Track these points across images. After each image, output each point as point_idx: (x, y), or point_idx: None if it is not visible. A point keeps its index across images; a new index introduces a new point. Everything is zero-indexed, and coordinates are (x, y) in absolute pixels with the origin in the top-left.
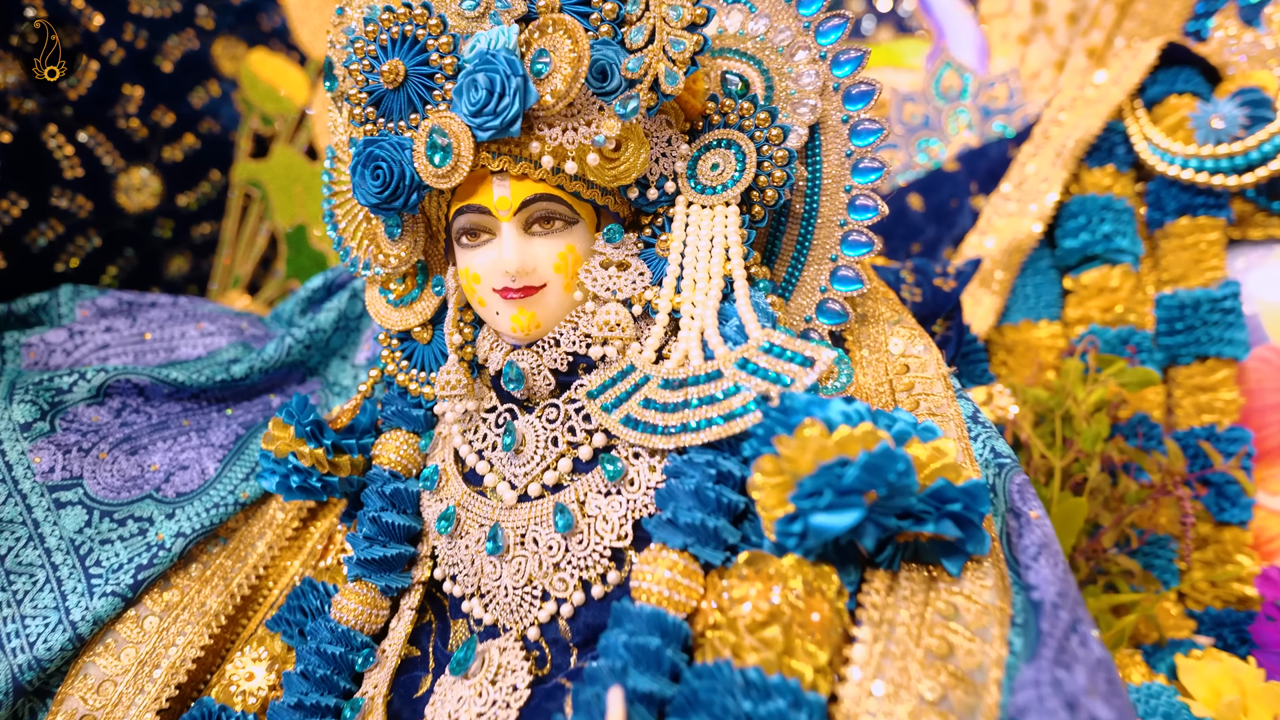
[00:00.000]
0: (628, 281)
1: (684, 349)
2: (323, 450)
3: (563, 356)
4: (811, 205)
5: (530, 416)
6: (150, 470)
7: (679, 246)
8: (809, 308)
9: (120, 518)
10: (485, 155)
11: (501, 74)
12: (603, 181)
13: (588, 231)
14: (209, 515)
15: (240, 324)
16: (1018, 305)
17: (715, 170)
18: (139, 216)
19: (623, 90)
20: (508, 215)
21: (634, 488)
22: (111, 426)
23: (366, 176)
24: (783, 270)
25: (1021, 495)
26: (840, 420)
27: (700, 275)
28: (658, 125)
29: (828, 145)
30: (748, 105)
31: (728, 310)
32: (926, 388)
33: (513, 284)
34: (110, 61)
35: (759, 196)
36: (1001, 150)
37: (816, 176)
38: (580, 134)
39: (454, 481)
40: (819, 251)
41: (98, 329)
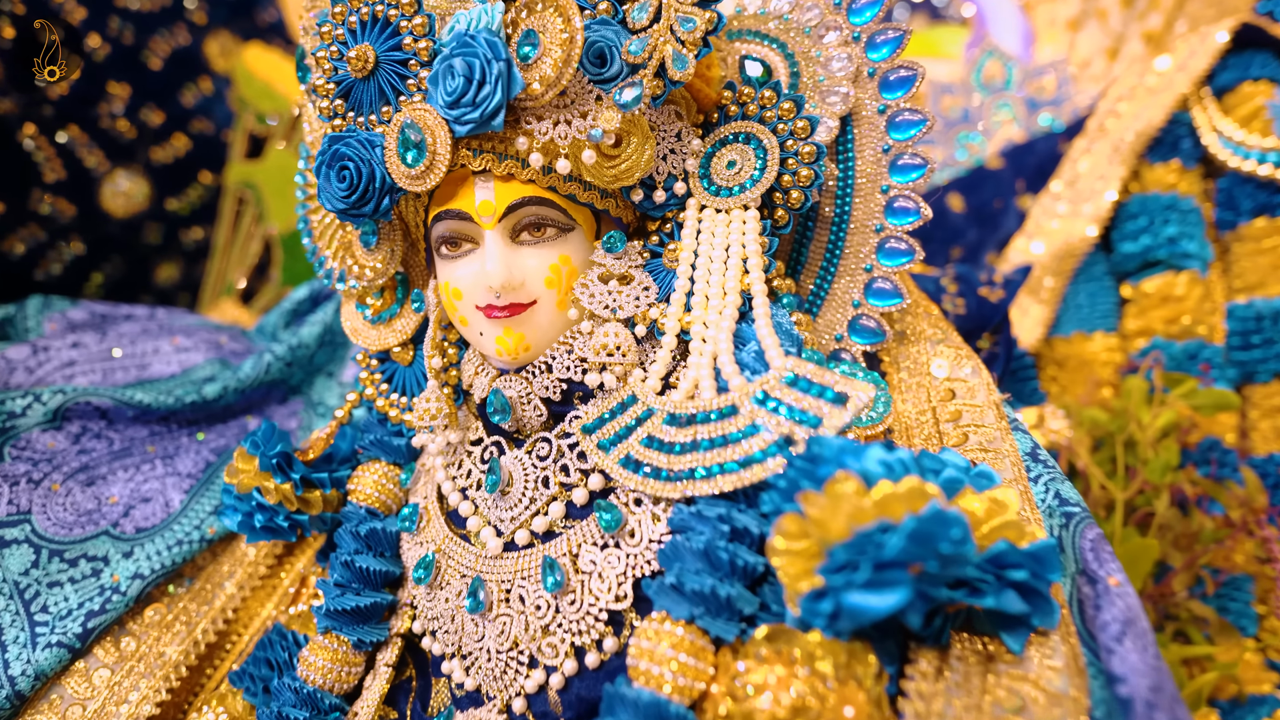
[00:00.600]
0: (630, 297)
1: (693, 378)
2: (290, 485)
3: (555, 384)
4: (843, 208)
5: (519, 452)
6: (108, 503)
7: (689, 257)
8: (840, 324)
9: (71, 557)
10: (465, 153)
11: (481, 59)
12: (601, 182)
13: (585, 240)
14: (171, 554)
15: (219, 338)
16: (1069, 315)
17: (732, 169)
18: (126, 221)
19: (624, 77)
20: (491, 222)
21: (634, 540)
22: (68, 454)
23: (332, 178)
24: (810, 282)
25: (1096, 555)
26: (880, 473)
27: (714, 290)
28: (665, 117)
29: (862, 139)
30: (770, 94)
31: (745, 332)
32: (976, 418)
33: (497, 301)
34: (94, 58)
35: (782, 199)
36: (1050, 145)
37: (849, 175)
38: (574, 128)
39: (436, 523)
40: (852, 261)
41: (64, 344)
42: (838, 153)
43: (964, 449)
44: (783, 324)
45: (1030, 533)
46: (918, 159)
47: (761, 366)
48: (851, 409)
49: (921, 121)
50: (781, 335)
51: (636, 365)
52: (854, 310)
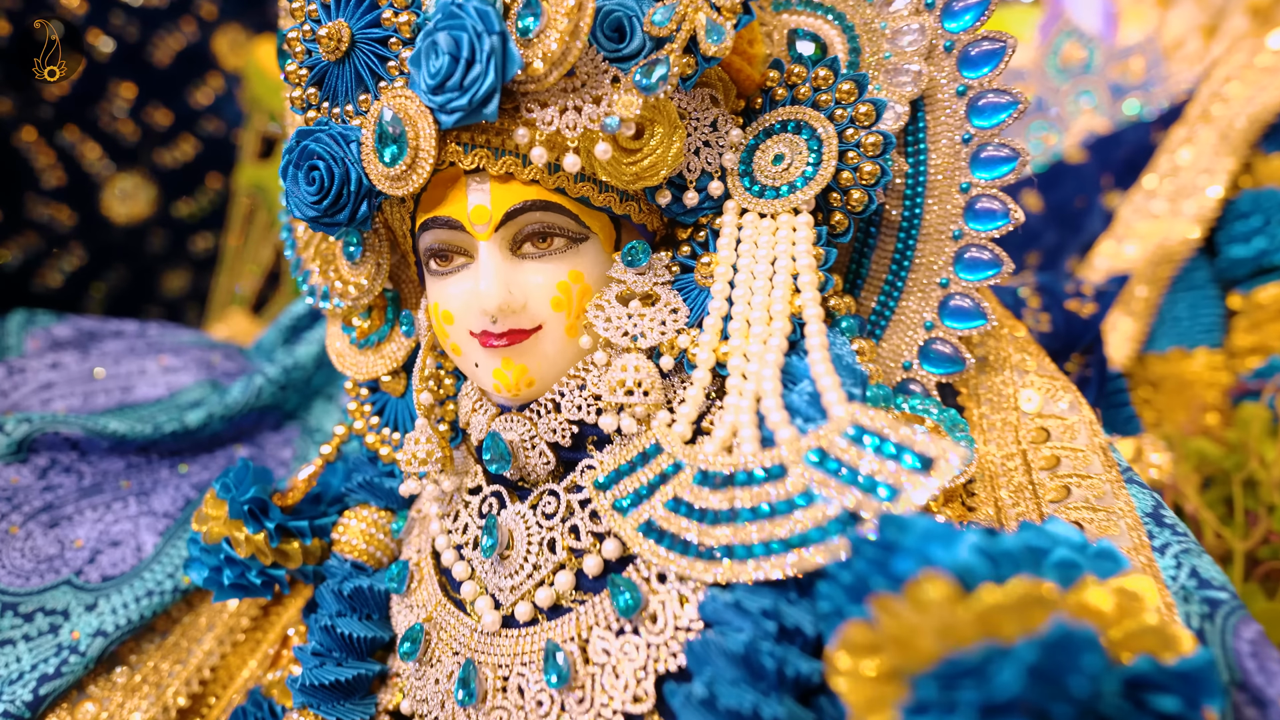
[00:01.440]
0: (655, 322)
1: (731, 424)
2: (265, 535)
3: (564, 426)
4: (913, 210)
5: (523, 506)
6: (72, 547)
7: (727, 272)
8: (909, 350)
9: (27, 611)
10: (454, 148)
11: (470, 32)
12: (620, 182)
13: (601, 251)
14: (140, 607)
15: (211, 358)
16: (1166, 329)
17: (779, 164)
18: (130, 228)
19: (646, 53)
20: (487, 231)
21: (657, 626)
22: (31, 491)
23: (300, 180)
24: (872, 299)
25: (1261, 664)
26: (982, 570)
27: (757, 314)
28: (697, 103)
29: (936, 127)
30: (825, 73)
31: (796, 367)
32: (1079, 465)
33: (494, 327)
34: (96, 55)
35: (841, 200)
36: (1141, 135)
37: (920, 170)
38: (586, 116)
39: (429, 584)
40: (923, 274)
41: (42, 365)
42: (906, 144)
43: (1066, 507)
44: (844, 356)
45: (1176, 639)
46: (1006, 150)
47: (817, 413)
48: (938, 477)
49: (1011, 105)
50: (842, 372)
51: (662, 406)
52: (926, 333)
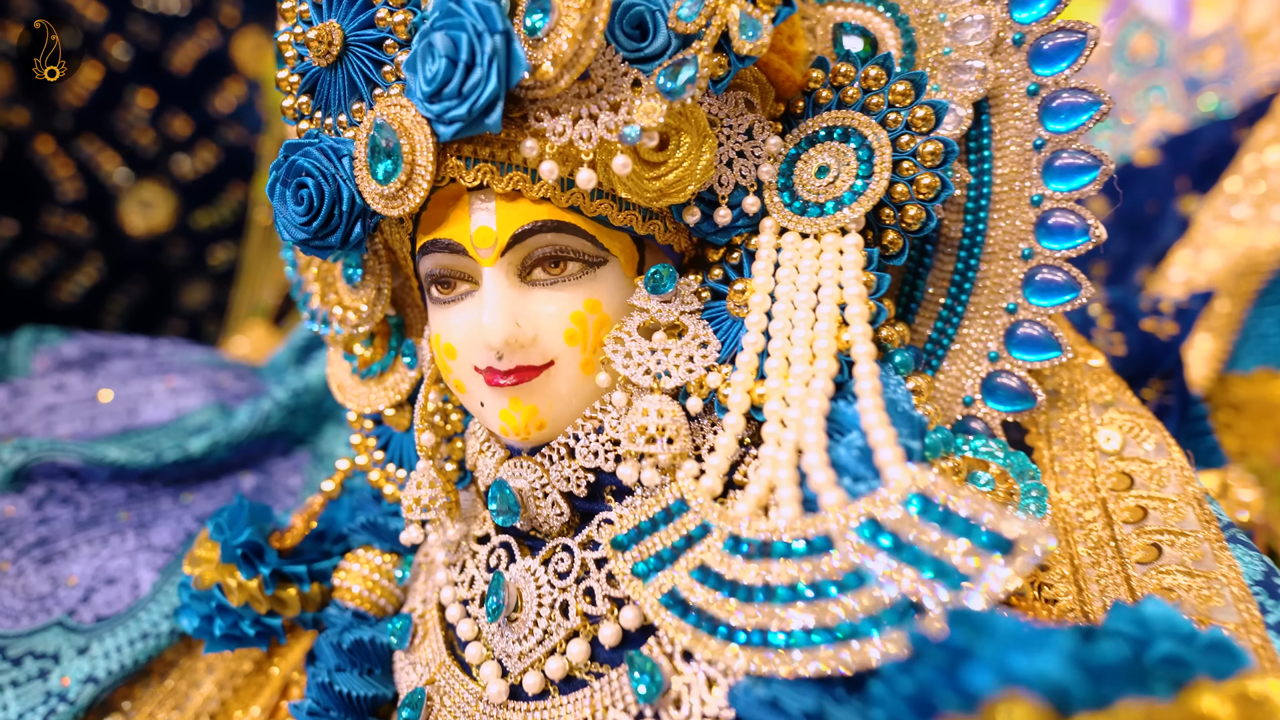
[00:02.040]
0: (681, 358)
1: (767, 480)
2: (259, 582)
3: (579, 474)
4: (976, 226)
5: (533, 562)
6: (65, 585)
7: (763, 301)
8: (970, 383)
9: (15, 655)
10: (454, 163)
11: (470, 32)
12: (642, 199)
13: (621, 276)
14: (134, 650)
15: (221, 378)
16: (1251, 347)
17: (824, 177)
18: (149, 240)
19: (671, 52)
20: (492, 256)
21: (681, 713)
22: (26, 524)
23: (288, 199)
24: (928, 326)
25: None
26: (1080, 689)
27: (798, 350)
28: (730, 108)
29: (1004, 132)
30: (876, 72)
31: (844, 414)
32: (1169, 519)
33: (500, 364)
34: (114, 62)
35: (894, 217)
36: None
37: (985, 181)
38: (602, 124)
39: (434, 639)
40: (987, 298)
41: (47, 387)
42: (969, 151)
43: (1157, 570)
44: (898, 401)
45: None
46: (1085, 157)
47: (869, 472)
48: (1020, 567)
49: (1091, 105)
50: (898, 421)
51: (689, 454)
52: (990, 365)
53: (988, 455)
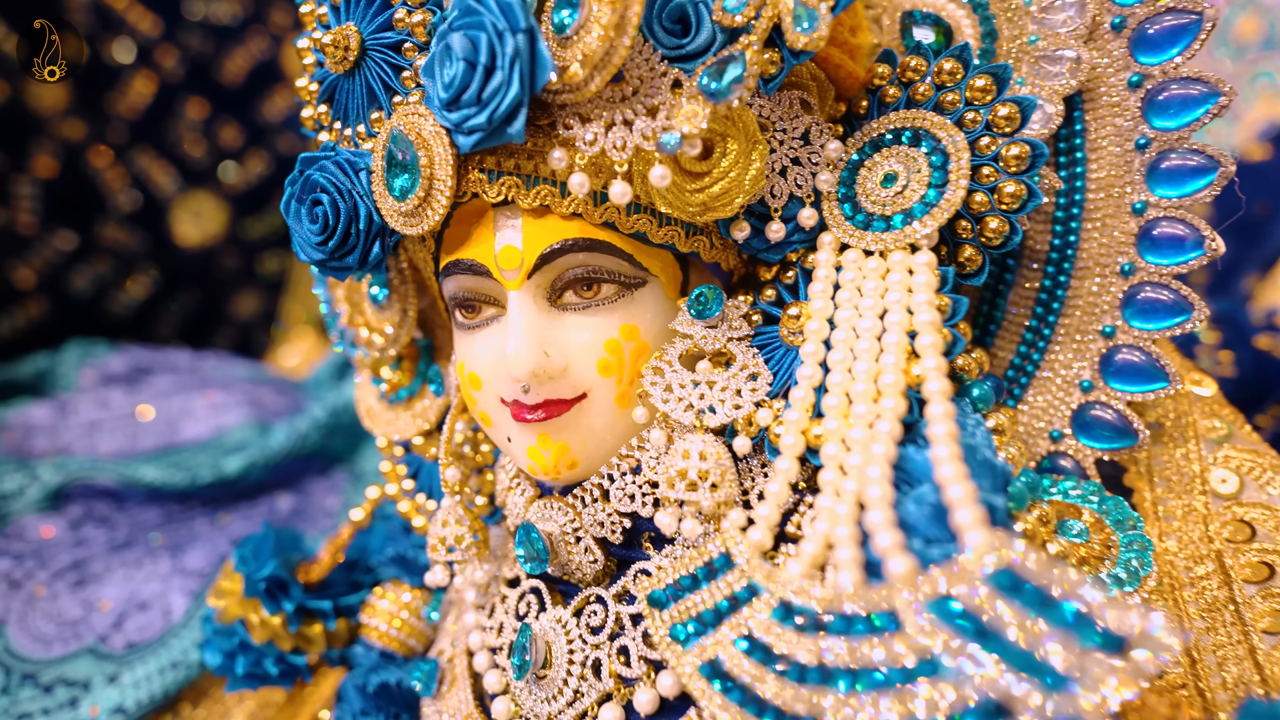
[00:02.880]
0: (728, 392)
1: (823, 537)
2: (283, 618)
3: (614, 519)
4: (1067, 238)
5: (565, 613)
6: (98, 610)
7: (821, 328)
8: (1058, 416)
9: (46, 682)
10: (476, 176)
11: (490, 30)
12: (684, 214)
13: (662, 298)
14: (163, 680)
15: (262, 395)
16: None
17: (891, 186)
18: (200, 250)
19: (717, 49)
20: (517, 278)
21: None
22: (61, 546)
23: (303, 216)
24: (1010, 350)
25: None
26: None
27: (861, 386)
28: (784, 109)
29: (1100, 130)
30: (952, 66)
31: (914, 462)
32: None
33: (526, 397)
34: (167, 74)
35: (973, 230)
36: None
37: (1078, 187)
38: (638, 131)
39: (460, 688)
40: (1080, 318)
41: (91, 403)
42: (1058, 154)
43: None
44: (977, 447)
45: None
46: (1198, 159)
47: (943, 534)
48: (1136, 672)
49: (1207, 98)
50: (977, 472)
51: (735, 501)
52: (1082, 396)
53: (1080, 500)
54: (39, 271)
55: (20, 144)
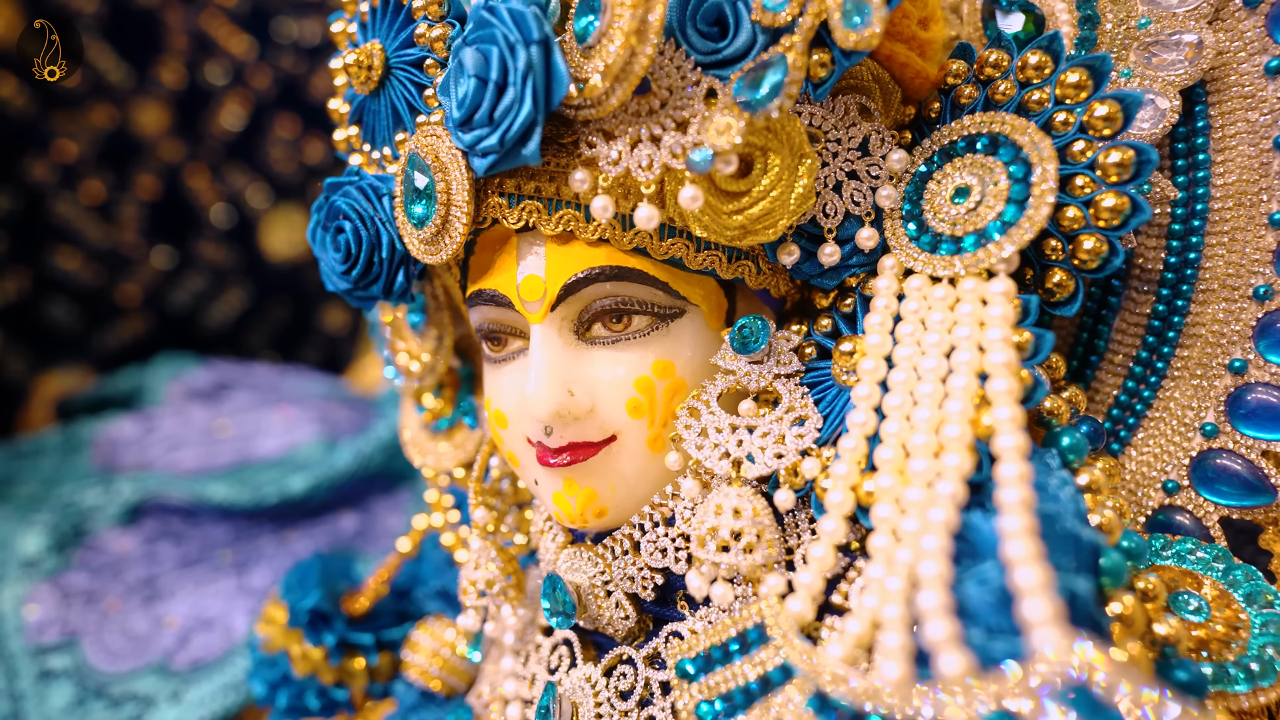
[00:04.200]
0: (770, 438)
1: (870, 617)
2: (323, 651)
3: (646, 575)
4: (1186, 255)
5: (595, 671)
6: (165, 627)
7: (878, 368)
8: (1174, 464)
9: (116, 696)
10: (496, 201)
11: (501, 44)
12: (721, 237)
13: (703, 329)
14: (223, 701)
15: (333, 411)
16: None
17: (963, 201)
18: (290, 264)
19: (757, 53)
20: (540, 310)
21: None
22: (136, 561)
23: (327, 244)
24: (1115, 385)
25: None
26: None
27: (921, 438)
28: (838, 117)
29: (1228, 128)
30: (1040, 59)
31: (980, 531)
32: None
33: (550, 440)
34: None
35: (1064, 252)
36: None
37: (1199, 195)
38: (666, 148)
39: None
40: (1202, 350)
41: (174, 419)
42: (1173, 157)
43: None
44: (1060, 515)
45: None
46: None
47: (1008, 625)
48: None
49: None
50: (1056, 547)
51: (776, 562)
52: (1204, 441)
53: (1200, 566)
54: (143, 287)
55: (126, 166)
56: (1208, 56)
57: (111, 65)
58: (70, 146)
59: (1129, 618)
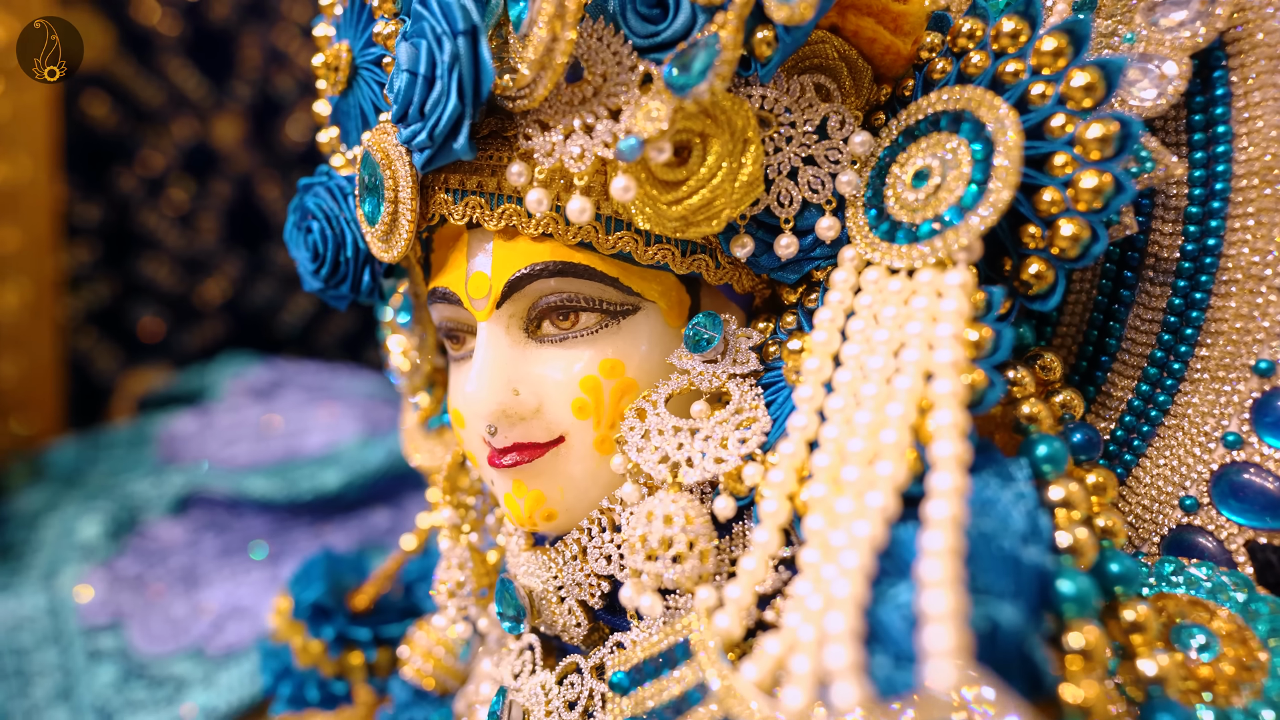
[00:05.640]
0: (711, 442)
1: (789, 639)
2: (322, 645)
3: (593, 581)
4: (1204, 241)
5: (550, 677)
6: (202, 614)
7: (822, 368)
8: (1193, 479)
9: (155, 677)
10: (441, 197)
11: (429, 37)
12: (663, 229)
13: (660, 327)
14: (248, 688)
15: (376, 409)
16: None
17: (923, 185)
18: None
19: (695, 29)
20: (486, 308)
21: None
22: (180, 549)
23: (300, 244)
24: (1128, 389)
25: None
26: None
27: (857, 444)
28: (792, 99)
29: (1251, 95)
30: (1015, 26)
31: (908, 548)
32: None
33: (495, 439)
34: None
35: (1040, 239)
36: None
37: (1219, 173)
38: (599, 137)
39: None
40: (1224, 350)
41: (230, 414)
42: (1190, 130)
43: None
44: (998, 534)
45: None
46: None
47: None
48: None
49: None
50: (986, 568)
51: (713, 573)
52: (1226, 453)
53: (1215, 596)
54: (222, 290)
55: (204, 176)
56: (1222, 16)
57: (192, 82)
58: (155, 159)
59: (1091, 651)
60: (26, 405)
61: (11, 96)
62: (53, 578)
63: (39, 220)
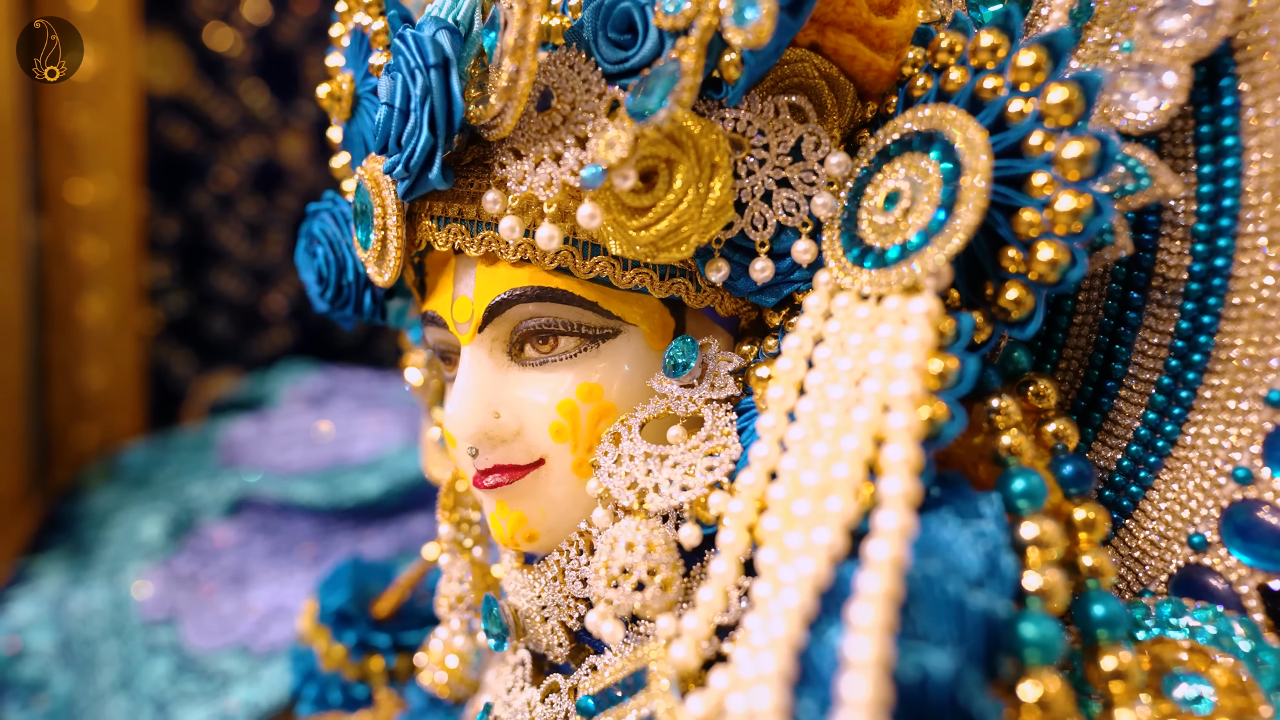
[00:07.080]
0: (678, 469)
1: (733, 676)
2: (345, 650)
3: (571, 603)
4: (1212, 262)
5: (535, 695)
6: (249, 612)
7: (786, 397)
8: (1200, 516)
9: (205, 670)
10: (427, 224)
11: (404, 71)
12: (634, 255)
13: (643, 351)
14: (289, 686)
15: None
16: None
17: (894, 207)
18: None
19: (662, 55)
20: (469, 332)
21: None
22: (232, 550)
23: (308, 267)
24: (1134, 418)
25: None
26: None
27: (812, 477)
28: (765, 120)
29: (1263, 104)
30: (994, 39)
31: (846, 584)
32: None
33: (476, 461)
34: None
35: (1021, 263)
36: None
37: (1226, 189)
38: (566, 166)
39: None
40: (1235, 378)
41: (285, 421)
42: (1197, 142)
43: None
44: (942, 578)
45: None
46: None
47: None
48: None
49: None
50: (928, 611)
51: (677, 601)
52: (1237, 488)
53: (1218, 643)
54: (288, 299)
55: (273, 192)
56: (1225, 22)
57: (262, 102)
58: (228, 175)
59: (1049, 703)
60: (112, 409)
61: (99, 120)
62: (117, 574)
63: (124, 235)
